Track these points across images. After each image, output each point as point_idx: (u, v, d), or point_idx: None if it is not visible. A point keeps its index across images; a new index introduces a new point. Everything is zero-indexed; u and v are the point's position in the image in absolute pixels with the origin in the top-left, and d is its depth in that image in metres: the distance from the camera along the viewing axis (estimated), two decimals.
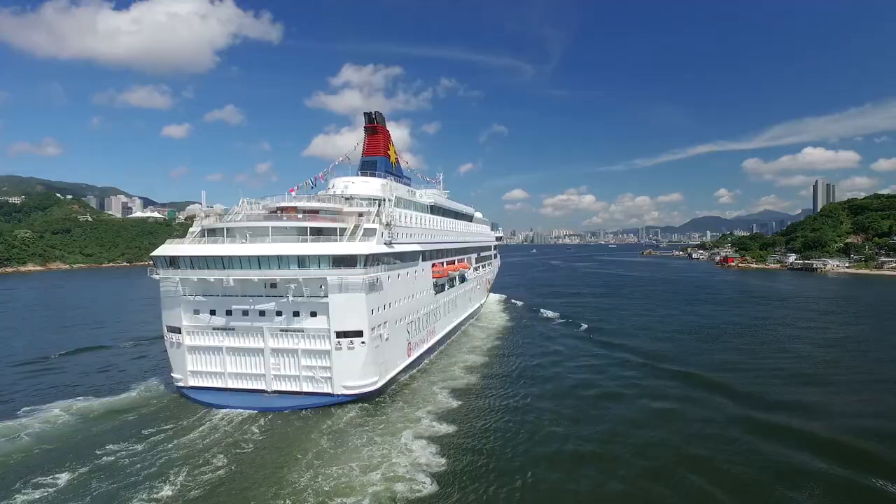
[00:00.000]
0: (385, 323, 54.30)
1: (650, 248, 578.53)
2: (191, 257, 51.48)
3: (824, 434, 42.88)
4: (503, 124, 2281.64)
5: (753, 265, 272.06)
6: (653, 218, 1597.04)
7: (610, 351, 74.02)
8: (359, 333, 50.22)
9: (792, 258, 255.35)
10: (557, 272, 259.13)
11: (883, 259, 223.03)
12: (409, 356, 61.44)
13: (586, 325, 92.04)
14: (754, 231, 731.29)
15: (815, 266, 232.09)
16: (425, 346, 67.47)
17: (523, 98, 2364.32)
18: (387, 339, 54.30)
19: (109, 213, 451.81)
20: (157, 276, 53.34)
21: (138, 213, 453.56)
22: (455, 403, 49.67)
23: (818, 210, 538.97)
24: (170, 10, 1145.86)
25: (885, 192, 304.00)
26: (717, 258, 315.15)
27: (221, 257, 50.39)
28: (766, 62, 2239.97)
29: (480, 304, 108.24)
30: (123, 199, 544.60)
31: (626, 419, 47.02)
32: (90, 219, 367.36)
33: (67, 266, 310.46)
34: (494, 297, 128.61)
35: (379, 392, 52.39)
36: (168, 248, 53.49)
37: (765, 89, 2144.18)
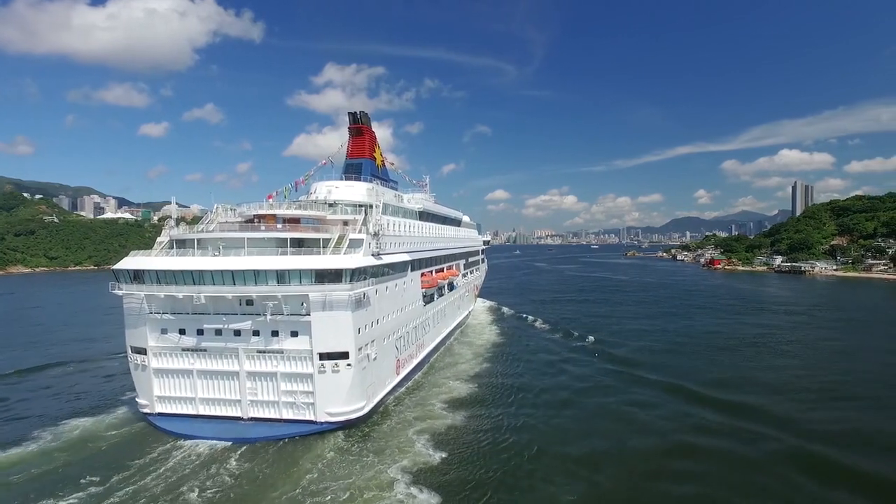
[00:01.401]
0: (373, 341, 50.06)
1: (633, 250, 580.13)
2: (157, 271, 46.59)
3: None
4: (486, 125, 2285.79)
5: (740, 267, 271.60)
6: (633, 218, 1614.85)
7: (620, 371, 67.00)
8: (344, 355, 45.99)
9: (778, 260, 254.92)
10: (543, 275, 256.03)
11: (870, 261, 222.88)
12: (397, 374, 57.47)
13: (591, 339, 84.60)
14: (733, 231, 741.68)
15: (803, 269, 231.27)
16: (415, 362, 63.62)
17: (506, 99, 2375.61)
18: (374, 359, 50.15)
19: (80, 213, 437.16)
20: (119, 292, 48.35)
21: (109, 214, 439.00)
22: (437, 456, 40.31)
23: (797, 211, 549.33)
24: (147, 6, 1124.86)
25: (856, 193, 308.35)
26: (703, 260, 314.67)
27: (191, 272, 45.70)
28: (744, 65, 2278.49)
29: (469, 311, 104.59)
30: (96, 199, 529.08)
31: (663, 468, 39.53)
32: (56, 220, 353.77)
33: (29, 269, 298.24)
34: (482, 303, 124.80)
35: (366, 417, 48.15)
36: (131, 262, 48.62)
37: (742, 91, 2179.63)
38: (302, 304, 45.35)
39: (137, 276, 47.51)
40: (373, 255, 50.64)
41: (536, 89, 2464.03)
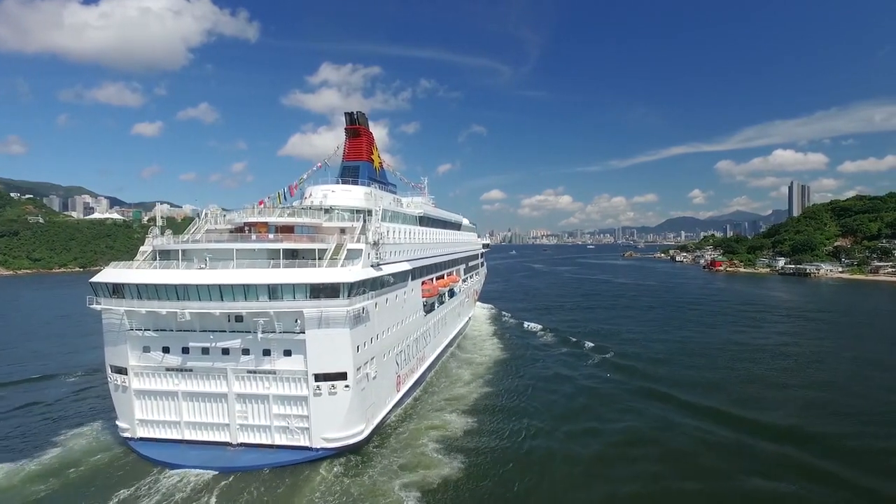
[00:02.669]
0: (372, 359, 46.64)
1: (631, 251, 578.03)
2: (138, 285, 42.87)
3: None
4: (482, 125, 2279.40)
5: (742, 269, 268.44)
6: (628, 218, 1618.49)
7: (646, 392, 60.07)
8: (342, 376, 42.53)
9: (782, 262, 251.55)
10: (542, 278, 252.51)
11: (876, 263, 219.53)
12: (398, 391, 54.09)
13: (610, 354, 77.30)
14: (728, 231, 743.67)
15: (808, 271, 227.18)
16: (416, 376, 60.35)
17: (502, 99, 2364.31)
18: (374, 378, 46.70)
19: (68, 214, 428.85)
20: (97, 307, 44.63)
21: (96, 214, 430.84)
22: None
23: (794, 211, 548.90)
24: (142, 4, 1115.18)
25: (849, 192, 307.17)
26: (703, 262, 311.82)
27: (175, 286, 42.05)
28: (738, 66, 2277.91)
29: (469, 317, 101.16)
30: (87, 199, 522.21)
31: None
32: (42, 220, 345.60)
33: (11, 272, 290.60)
34: (481, 308, 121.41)
35: (365, 442, 44.70)
36: (111, 274, 44.95)
37: (736, 92, 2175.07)
38: (296, 321, 41.86)
39: (117, 290, 43.89)
40: (372, 266, 47.20)
41: (531, 89, 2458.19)
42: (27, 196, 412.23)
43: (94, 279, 44.93)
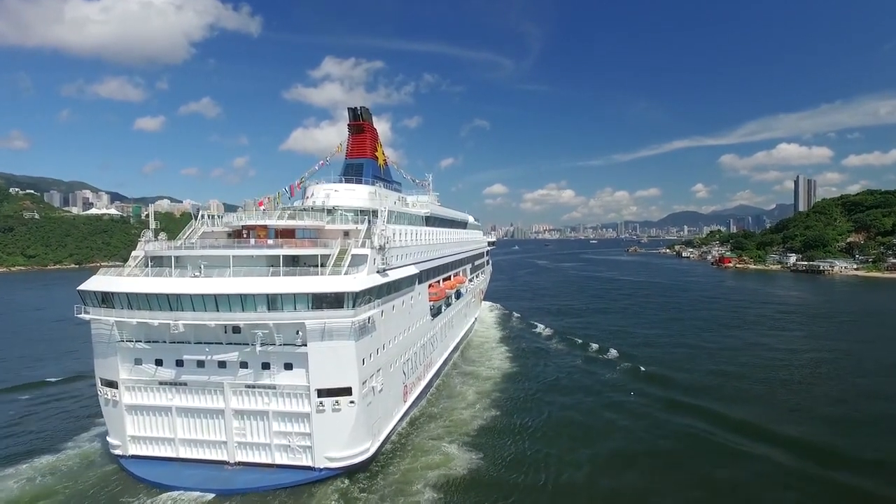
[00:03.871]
0: (378, 371, 43.88)
1: (635, 245, 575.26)
2: (128, 294, 40.04)
3: None
4: (484, 119, 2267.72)
5: (752, 266, 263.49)
6: (631, 213, 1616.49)
7: (690, 414, 53.23)
8: (346, 391, 39.85)
9: (793, 259, 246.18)
10: (548, 275, 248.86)
11: (893, 261, 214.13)
12: (405, 402, 51.41)
13: (642, 368, 69.13)
14: (731, 226, 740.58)
15: (821, 268, 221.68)
16: (423, 384, 57.74)
17: (504, 93, 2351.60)
18: (380, 391, 43.93)
19: (67, 209, 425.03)
20: (86, 316, 41.90)
21: (94, 210, 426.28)
22: None
23: (800, 206, 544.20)
24: None
25: (855, 187, 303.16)
26: (711, 258, 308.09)
27: (167, 295, 39.20)
28: (741, 59, 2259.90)
29: (475, 318, 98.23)
30: (88, 194, 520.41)
31: None
32: (37, 216, 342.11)
33: (4, 269, 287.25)
34: (487, 310, 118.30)
35: (371, 460, 41.90)
36: (99, 282, 42.17)
37: (740, 86, 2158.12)
38: (297, 333, 39.08)
39: (106, 299, 41.09)
40: (378, 271, 44.24)
41: (534, 83, 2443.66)
42: (27, 191, 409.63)
43: (82, 287, 42.22)
